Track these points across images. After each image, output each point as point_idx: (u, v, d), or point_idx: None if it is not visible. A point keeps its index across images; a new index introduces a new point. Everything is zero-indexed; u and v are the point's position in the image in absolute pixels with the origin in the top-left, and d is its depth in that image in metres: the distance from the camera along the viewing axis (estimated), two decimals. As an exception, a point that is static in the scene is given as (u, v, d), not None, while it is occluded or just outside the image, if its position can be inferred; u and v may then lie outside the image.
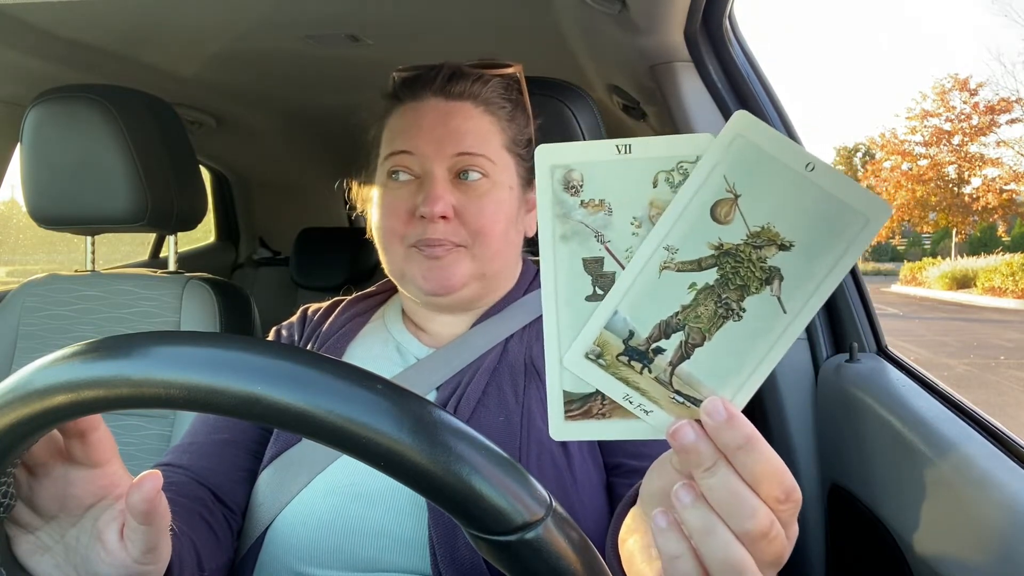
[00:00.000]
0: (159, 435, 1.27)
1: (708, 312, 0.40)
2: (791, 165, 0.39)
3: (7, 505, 0.49)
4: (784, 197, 0.39)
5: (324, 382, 0.41)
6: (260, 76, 1.78)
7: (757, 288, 0.40)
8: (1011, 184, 25.98)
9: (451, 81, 0.86)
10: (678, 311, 0.40)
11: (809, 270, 0.39)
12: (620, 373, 0.41)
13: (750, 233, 0.39)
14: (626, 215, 0.40)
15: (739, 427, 0.39)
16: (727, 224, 0.39)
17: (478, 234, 0.83)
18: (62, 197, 1.30)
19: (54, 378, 0.43)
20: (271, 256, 2.86)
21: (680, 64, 1.18)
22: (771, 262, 0.40)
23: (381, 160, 0.88)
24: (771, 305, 0.40)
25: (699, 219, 0.40)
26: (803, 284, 0.39)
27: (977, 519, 0.70)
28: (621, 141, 0.40)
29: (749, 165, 0.39)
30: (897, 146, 28.47)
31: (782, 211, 0.39)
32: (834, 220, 0.39)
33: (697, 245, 0.40)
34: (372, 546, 0.74)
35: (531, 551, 0.42)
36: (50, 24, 1.38)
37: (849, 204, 0.38)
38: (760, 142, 0.39)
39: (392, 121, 0.88)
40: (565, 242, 0.40)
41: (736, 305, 0.40)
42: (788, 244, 0.39)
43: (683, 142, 0.40)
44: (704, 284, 0.40)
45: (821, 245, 0.39)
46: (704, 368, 0.41)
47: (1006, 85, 35.86)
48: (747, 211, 0.39)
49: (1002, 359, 8.80)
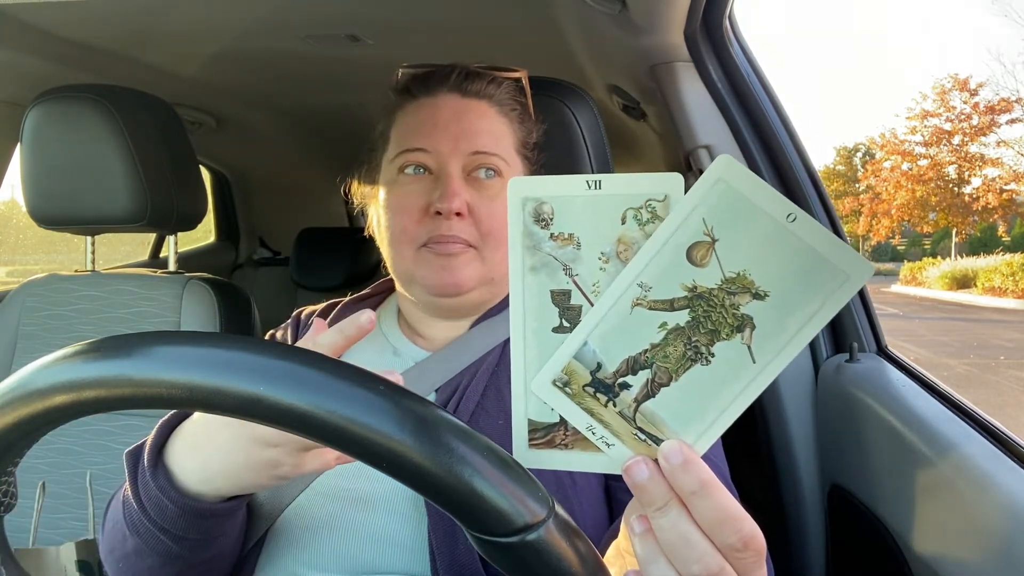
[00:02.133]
0: (159, 435, 1.27)
1: (676, 353, 0.40)
2: (772, 214, 0.38)
3: (7, 504, 0.49)
4: (762, 246, 0.39)
5: (326, 383, 0.41)
6: (260, 76, 1.78)
7: (728, 335, 0.39)
8: (1011, 184, 25.98)
9: (467, 79, 0.86)
10: (647, 349, 0.40)
11: (782, 322, 0.39)
12: (585, 404, 0.41)
13: (725, 279, 0.39)
14: (594, 250, 0.41)
15: (694, 472, 0.39)
16: (703, 267, 0.39)
17: (489, 235, 0.83)
18: (62, 197, 1.30)
19: (55, 378, 0.43)
20: (271, 256, 2.86)
21: (680, 64, 1.18)
22: (744, 310, 0.39)
23: (391, 156, 0.87)
24: (741, 353, 0.39)
25: (674, 259, 0.39)
26: (775, 335, 0.39)
27: (977, 519, 0.70)
28: (591, 177, 0.40)
29: (729, 210, 0.39)
30: (897, 146, 28.47)
31: (759, 260, 0.39)
32: (812, 274, 0.38)
33: (671, 285, 0.40)
34: (372, 550, 0.74)
35: (533, 552, 0.42)
36: (50, 24, 1.38)
37: (829, 260, 0.38)
38: (742, 188, 0.39)
39: (404, 116, 0.88)
40: (534, 273, 0.41)
41: (705, 349, 0.40)
42: (763, 294, 0.39)
43: (652, 180, 0.40)
44: (675, 325, 0.40)
45: (797, 298, 0.39)
46: (668, 409, 0.41)
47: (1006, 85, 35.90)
48: (724, 256, 0.39)
49: (1002, 359, 8.80)
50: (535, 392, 0.42)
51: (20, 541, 1.19)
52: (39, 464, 1.27)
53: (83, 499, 1.23)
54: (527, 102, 0.93)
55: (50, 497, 1.21)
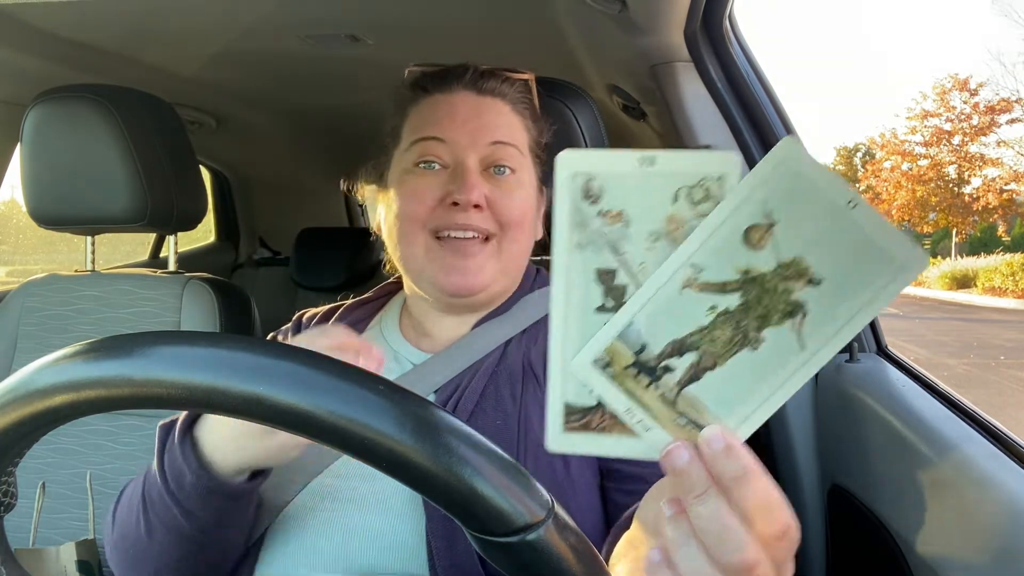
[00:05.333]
0: (159, 435, 1.27)
1: (724, 337, 0.39)
2: (833, 199, 0.38)
3: (7, 504, 0.49)
4: (821, 231, 0.38)
5: (326, 383, 0.41)
6: (260, 76, 1.78)
7: (778, 320, 0.39)
8: (1011, 184, 25.98)
9: (482, 78, 0.87)
10: (694, 331, 0.39)
11: (834, 310, 0.38)
12: (626, 386, 0.40)
13: (780, 263, 0.38)
14: (643, 229, 0.39)
15: (736, 458, 0.38)
16: (758, 250, 0.38)
17: (507, 226, 0.83)
18: (62, 197, 1.30)
19: (55, 378, 0.43)
20: (271, 256, 2.85)
21: (680, 64, 1.18)
22: (797, 295, 0.38)
23: (404, 148, 0.87)
24: (790, 340, 0.39)
25: (730, 241, 0.38)
26: (826, 323, 0.38)
27: (977, 519, 0.70)
28: (645, 153, 0.39)
29: (790, 193, 0.38)
30: (897, 146, 28.46)
31: (817, 245, 0.38)
32: (868, 262, 0.38)
33: (724, 267, 0.39)
34: (370, 550, 0.74)
35: (533, 552, 0.42)
36: (50, 24, 1.38)
37: (886, 248, 0.37)
38: (805, 171, 0.38)
39: (418, 111, 0.88)
40: (580, 250, 0.40)
41: (754, 334, 0.39)
42: (818, 280, 0.38)
43: (708, 159, 0.39)
44: (725, 308, 0.39)
45: (851, 286, 0.38)
46: (712, 393, 0.40)
47: (1006, 85, 35.87)
48: (781, 240, 0.38)
49: (1002, 359, 8.80)
50: (574, 372, 0.40)
51: (20, 541, 1.19)
52: (39, 464, 1.27)
53: (83, 499, 1.23)
54: (535, 103, 0.93)
55: (50, 497, 1.21)
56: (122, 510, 0.75)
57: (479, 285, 0.82)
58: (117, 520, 0.75)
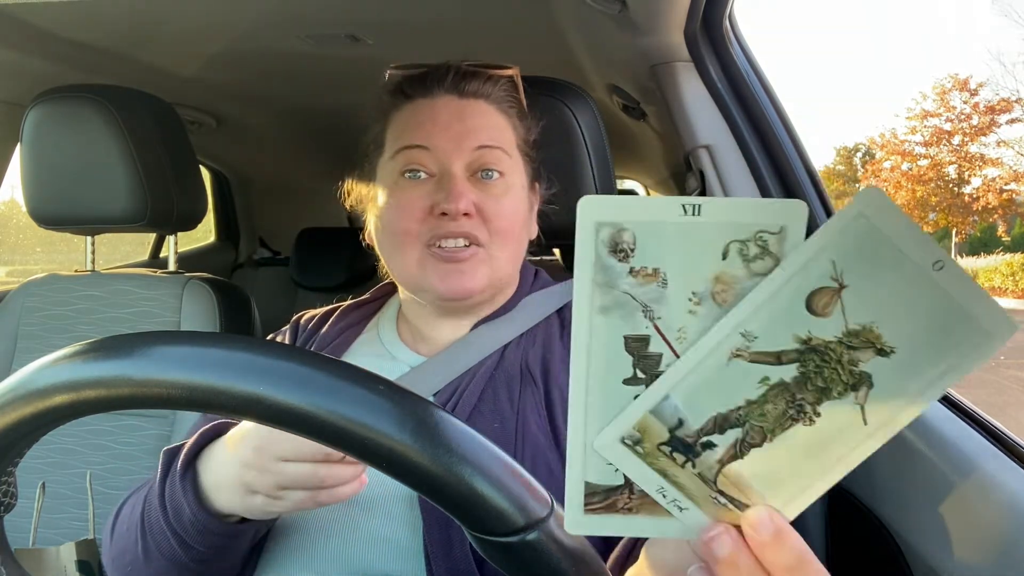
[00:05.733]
0: (159, 435, 1.27)
1: (777, 412, 0.35)
2: (916, 260, 0.33)
3: (7, 504, 0.49)
4: (898, 296, 0.33)
5: (326, 383, 0.41)
6: (260, 76, 1.77)
7: (840, 393, 0.34)
8: (1011, 184, 25.98)
9: (464, 79, 0.85)
10: (741, 405, 0.35)
11: (905, 382, 0.34)
12: (658, 464, 0.36)
13: (847, 331, 0.34)
14: (684, 289, 0.34)
15: (789, 545, 0.35)
16: (823, 317, 0.34)
17: (497, 233, 0.82)
18: (62, 197, 1.30)
19: (55, 378, 0.43)
20: (271, 256, 2.85)
21: (680, 64, 1.18)
22: (863, 367, 0.34)
23: (388, 157, 0.85)
24: (851, 414, 0.34)
25: (790, 307, 0.34)
26: (894, 396, 0.34)
27: (977, 519, 0.70)
28: (689, 200, 0.34)
29: (866, 253, 0.33)
30: (897, 146, 28.46)
31: (891, 311, 0.33)
32: (950, 331, 0.33)
33: (781, 335, 0.34)
34: (368, 552, 0.74)
35: (532, 552, 0.42)
36: (50, 24, 1.38)
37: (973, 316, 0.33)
38: (885, 227, 0.32)
39: (400, 117, 0.86)
40: (605, 314, 0.34)
41: (811, 408, 0.34)
42: (889, 350, 0.33)
43: (766, 208, 0.34)
44: (779, 380, 0.34)
45: (927, 356, 0.33)
46: (757, 471, 0.36)
47: (1006, 85, 35.84)
48: (850, 305, 0.33)
49: (1002, 359, 8.80)
50: (599, 451, 0.36)
51: (20, 541, 1.19)
52: (39, 464, 1.27)
53: (83, 499, 1.23)
54: (522, 99, 0.92)
55: (50, 497, 1.21)
56: (121, 527, 0.75)
57: (475, 288, 0.82)
58: (115, 536, 0.75)
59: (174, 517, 0.67)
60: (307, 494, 0.63)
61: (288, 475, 0.61)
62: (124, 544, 0.72)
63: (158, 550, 0.69)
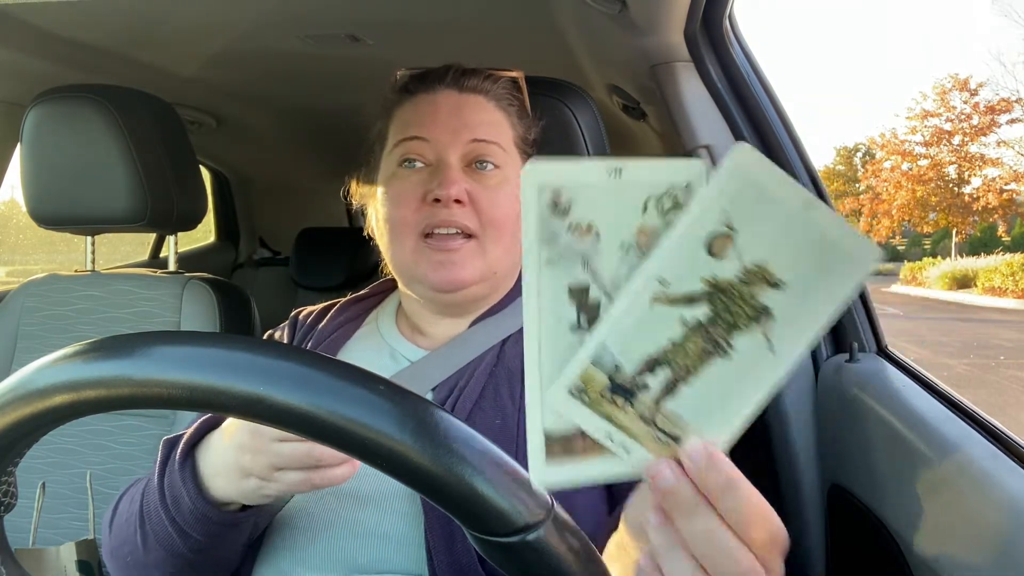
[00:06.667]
0: (159, 435, 1.27)
1: (697, 349, 0.39)
2: (790, 202, 0.38)
3: (7, 504, 0.49)
4: (780, 235, 0.38)
5: (327, 383, 0.41)
6: (260, 76, 1.77)
7: (746, 326, 0.39)
8: (1011, 184, 25.99)
9: (464, 76, 0.87)
10: (667, 347, 0.39)
11: (799, 310, 0.39)
12: (603, 410, 0.39)
13: (744, 269, 0.38)
14: (615, 241, 0.39)
15: (719, 469, 0.38)
16: (722, 259, 0.38)
17: (490, 224, 0.83)
18: (62, 197, 1.30)
19: (55, 378, 0.43)
20: (271, 256, 2.85)
21: (680, 64, 1.18)
22: (762, 300, 0.38)
23: (389, 150, 0.87)
24: (759, 343, 0.39)
25: (694, 252, 0.38)
26: (793, 323, 0.39)
27: (977, 519, 0.70)
28: (612, 162, 0.38)
29: (748, 200, 0.38)
30: (897, 146, 28.47)
31: (777, 249, 0.38)
32: (827, 261, 0.38)
33: (690, 279, 0.38)
34: (369, 548, 0.74)
35: (533, 552, 0.42)
36: (50, 24, 1.38)
37: (842, 245, 0.38)
38: (760, 177, 0.38)
39: (402, 112, 0.88)
40: (551, 267, 0.39)
41: (724, 342, 0.39)
42: (780, 283, 0.38)
43: (674, 166, 0.39)
44: (694, 319, 0.39)
45: (813, 285, 0.38)
46: (689, 406, 0.39)
47: (1006, 85, 35.83)
48: (743, 247, 0.38)
49: (1002, 359, 8.80)
50: (552, 405, 0.39)
51: (20, 541, 1.19)
52: (39, 464, 1.27)
53: (83, 499, 1.23)
54: (524, 99, 0.93)
55: (50, 497, 1.21)
56: (119, 518, 0.75)
57: (466, 279, 0.82)
58: (114, 528, 0.75)
59: (173, 505, 0.68)
60: (301, 475, 0.63)
61: (283, 455, 0.62)
62: (123, 535, 0.73)
63: (156, 539, 0.69)
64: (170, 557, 0.70)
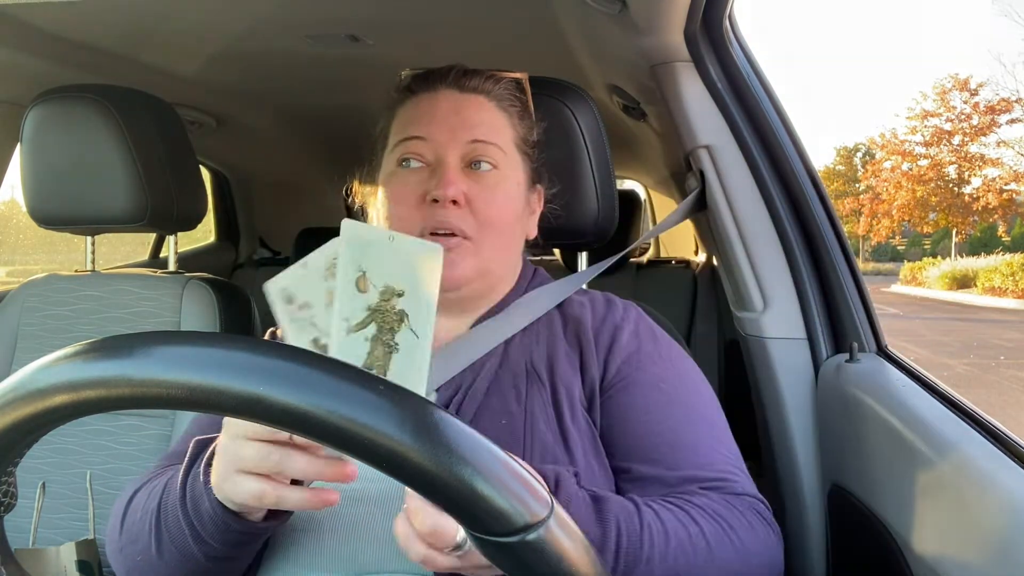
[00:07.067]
0: (158, 435, 1.27)
1: (383, 352, 0.58)
2: (380, 240, 0.58)
3: (7, 504, 0.49)
4: (387, 261, 0.58)
5: (326, 383, 0.41)
6: (260, 76, 1.78)
7: (398, 327, 0.57)
8: (1011, 184, 25.98)
9: (465, 76, 0.88)
10: (366, 358, 0.58)
11: (418, 302, 0.57)
12: None
13: (380, 292, 0.57)
14: (320, 306, 0.59)
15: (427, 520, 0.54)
16: (367, 292, 0.57)
17: (486, 224, 0.83)
18: (62, 197, 1.30)
19: (55, 378, 0.43)
20: (271, 256, 2.85)
21: (680, 64, 1.18)
22: (398, 307, 0.57)
23: (390, 149, 0.88)
24: (409, 334, 0.58)
25: (352, 294, 0.58)
26: (418, 312, 0.57)
27: (977, 519, 0.70)
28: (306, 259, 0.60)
29: (361, 250, 0.58)
30: (897, 146, 28.46)
31: (390, 270, 0.58)
32: (416, 263, 0.57)
33: (358, 312, 0.58)
34: (371, 549, 0.74)
35: (533, 552, 0.42)
36: (50, 24, 1.38)
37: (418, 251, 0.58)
38: (361, 233, 0.58)
39: (403, 111, 0.89)
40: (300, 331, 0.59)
41: (393, 343, 0.58)
42: (401, 292, 0.58)
43: (328, 248, 0.59)
44: (373, 335, 0.58)
45: (417, 282, 0.57)
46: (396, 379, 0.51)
47: (1006, 85, 35.82)
48: (373, 279, 0.58)
49: (1002, 359, 8.80)
50: None
51: (20, 541, 1.19)
52: (39, 464, 1.27)
53: (83, 499, 1.23)
54: (527, 100, 0.93)
55: (50, 497, 1.21)
56: (133, 515, 0.74)
57: (458, 278, 0.82)
58: (127, 525, 0.74)
59: (192, 508, 0.66)
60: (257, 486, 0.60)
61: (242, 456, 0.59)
62: (136, 535, 0.72)
63: (171, 541, 0.68)
64: (183, 561, 0.68)
